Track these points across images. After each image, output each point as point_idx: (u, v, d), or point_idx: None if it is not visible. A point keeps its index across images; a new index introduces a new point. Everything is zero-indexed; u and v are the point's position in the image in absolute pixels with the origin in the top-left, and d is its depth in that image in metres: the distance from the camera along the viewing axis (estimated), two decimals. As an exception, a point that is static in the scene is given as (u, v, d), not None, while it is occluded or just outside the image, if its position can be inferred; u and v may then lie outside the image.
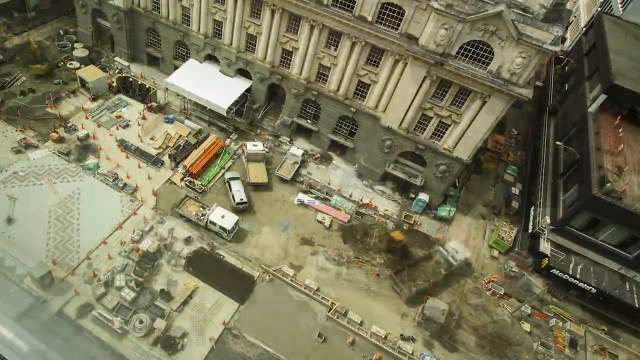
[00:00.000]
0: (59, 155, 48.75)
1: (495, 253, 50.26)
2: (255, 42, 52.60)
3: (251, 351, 38.28)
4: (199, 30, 55.05)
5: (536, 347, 43.01)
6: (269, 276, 43.11)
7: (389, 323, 42.21)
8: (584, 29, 71.18)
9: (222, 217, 44.70)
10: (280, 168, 52.72)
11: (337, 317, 41.30)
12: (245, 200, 48.05)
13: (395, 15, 42.88)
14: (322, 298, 42.31)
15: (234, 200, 47.83)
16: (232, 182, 49.29)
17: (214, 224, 44.75)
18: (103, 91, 56.88)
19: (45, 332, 35.71)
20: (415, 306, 43.76)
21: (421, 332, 42.18)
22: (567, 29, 74.52)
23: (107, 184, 47.42)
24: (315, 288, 42.78)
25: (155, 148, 52.24)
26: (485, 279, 47.83)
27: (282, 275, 43.30)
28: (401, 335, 41.37)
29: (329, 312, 41.48)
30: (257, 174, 50.82)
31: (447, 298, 45.01)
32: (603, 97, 49.82)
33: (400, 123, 48.16)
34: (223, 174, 51.47)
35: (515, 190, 56.89)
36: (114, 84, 57.52)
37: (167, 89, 56.83)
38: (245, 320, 39.91)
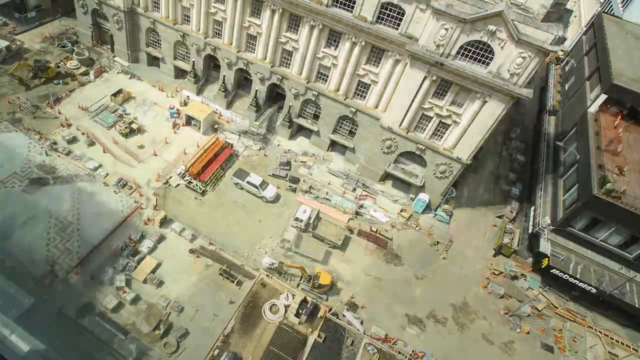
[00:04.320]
0: (59, 155, 48.81)
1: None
2: (255, 42, 52.62)
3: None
4: (199, 30, 55.06)
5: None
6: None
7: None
8: (584, 29, 71.22)
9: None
10: None
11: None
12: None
13: (395, 15, 42.89)
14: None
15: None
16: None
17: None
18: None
19: (45, 332, 35.68)
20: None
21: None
22: (567, 28, 74.58)
23: (107, 184, 47.45)
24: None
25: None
26: (484, 277, 47.84)
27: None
28: None
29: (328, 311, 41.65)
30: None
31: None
32: (603, 97, 49.88)
33: (401, 123, 48.16)
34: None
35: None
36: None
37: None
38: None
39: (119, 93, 56.45)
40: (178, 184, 49.32)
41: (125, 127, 52.51)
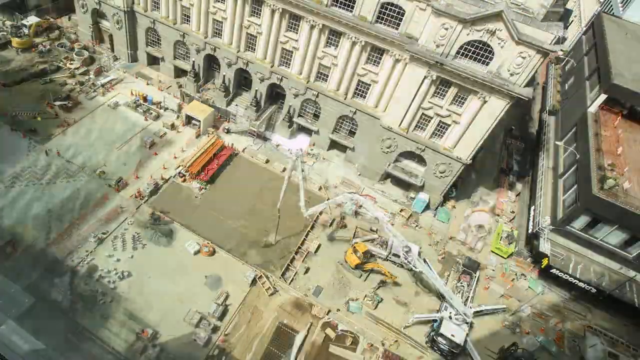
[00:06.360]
0: (59, 155, 48.84)
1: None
2: (255, 42, 52.62)
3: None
4: (198, 30, 55.05)
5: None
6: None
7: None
8: (584, 29, 71.16)
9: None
10: None
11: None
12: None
13: (395, 15, 42.89)
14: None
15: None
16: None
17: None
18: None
19: (45, 332, 35.72)
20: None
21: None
22: (567, 28, 74.45)
23: (108, 184, 47.48)
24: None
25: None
26: (484, 278, 47.86)
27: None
28: None
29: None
30: None
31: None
32: (603, 97, 49.86)
33: (400, 123, 48.17)
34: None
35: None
36: None
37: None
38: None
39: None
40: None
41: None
